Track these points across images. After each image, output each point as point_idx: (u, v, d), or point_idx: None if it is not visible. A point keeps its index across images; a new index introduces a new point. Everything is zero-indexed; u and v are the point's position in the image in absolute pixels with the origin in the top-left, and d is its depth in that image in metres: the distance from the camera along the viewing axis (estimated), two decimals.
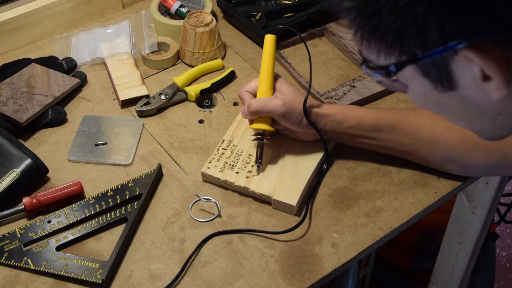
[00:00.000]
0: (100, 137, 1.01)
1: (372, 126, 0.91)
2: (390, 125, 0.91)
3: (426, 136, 0.90)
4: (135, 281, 0.82)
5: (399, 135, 0.91)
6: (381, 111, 0.93)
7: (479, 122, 0.58)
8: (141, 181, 0.93)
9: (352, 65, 1.15)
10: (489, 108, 0.54)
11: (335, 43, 1.19)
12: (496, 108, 0.54)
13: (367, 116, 0.91)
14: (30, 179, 0.92)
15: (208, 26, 1.11)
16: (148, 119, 1.05)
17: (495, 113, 0.55)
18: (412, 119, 0.91)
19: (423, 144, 0.91)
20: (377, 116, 0.91)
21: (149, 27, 1.18)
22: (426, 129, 0.90)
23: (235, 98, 1.09)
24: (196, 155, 0.99)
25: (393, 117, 0.91)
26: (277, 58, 1.16)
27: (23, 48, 1.18)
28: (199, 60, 1.13)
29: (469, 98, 0.53)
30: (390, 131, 0.91)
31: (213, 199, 0.91)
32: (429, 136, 0.90)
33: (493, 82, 0.50)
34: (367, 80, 1.09)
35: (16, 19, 1.15)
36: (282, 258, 0.85)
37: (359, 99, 1.05)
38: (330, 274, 0.84)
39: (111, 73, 1.10)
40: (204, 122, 1.05)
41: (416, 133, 0.90)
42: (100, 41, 1.16)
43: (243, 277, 0.83)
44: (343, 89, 1.08)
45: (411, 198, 0.93)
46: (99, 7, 1.24)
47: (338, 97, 1.06)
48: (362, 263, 1.28)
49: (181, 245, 0.87)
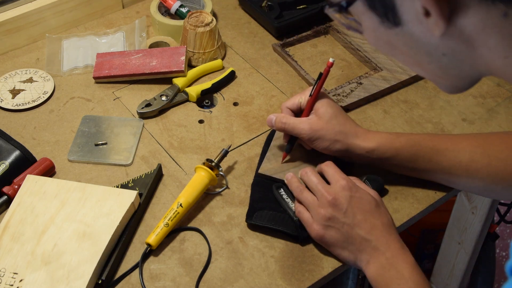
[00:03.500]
0: (100, 137, 1.01)
1: (409, 158, 0.89)
2: (428, 158, 0.89)
3: (463, 172, 0.88)
4: (135, 281, 0.82)
5: (435, 169, 0.89)
6: (420, 142, 0.89)
7: (427, 64, 0.57)
8: (141, 181, 0.93)
9: (352, 65, 1.15)
10: (434, 47, 0.54)
11: (340, 41, 1.19)
12: (440, 47, 0.54)
13: (405, 147, 0.89)
14: (19, 170, 0.93)
15: (208, 26, 1.11)
16: (148, 119, 1.05)
17: (439, 53, 0.55)
18: (450, 153, 0.88)
19: (460, 180, 0.89)
20: (415, 148, 0.89)
21: (141, 36, 1.18)
22: (464, 164, 0.87)
23: (235, 98, 1.09)
24: (196, 155, 0.99)
25: (432, 149, 0.89)
26: (282, 55, 1.16)
27: (23, 48, 1.19)
28: (199, 60, 1.13)
29: (414, 36, 0.54)
30: (427, 163, 0.89)
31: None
32: (465, 173, 0.88)
33: (432, 17, 0.51)
34: (374, 77, 1.10)
35: (16, 19, 1.15)
36: (282, 258, 0.85)
37: (366, 95, 1.07)
38: (330, 274, 0.84)
39: None
40: (204, 122, 1.05)
41: (453, 168, 0.88)
42: (94, 50, 1.17)
43: (243, 277, 0.83)
44: (350, 86, 1.09)
45: (411, 198, 0.93)
46: (99, 7, 1.24)
47: (346, 94, 1.07)
48: None
49: (181, 245, 0.87)
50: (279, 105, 1.07)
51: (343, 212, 0.81)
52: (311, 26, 1.22)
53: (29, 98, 1.08)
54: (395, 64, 1.13)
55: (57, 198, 0.88)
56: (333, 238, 0.82)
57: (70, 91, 1.10)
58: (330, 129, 0.88)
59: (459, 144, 0.89)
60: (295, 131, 0.90)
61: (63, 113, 1.06)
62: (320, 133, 0.88)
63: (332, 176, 0.85)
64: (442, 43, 0.54)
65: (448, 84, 0.61)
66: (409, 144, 0.89)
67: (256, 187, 0.93)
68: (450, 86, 0.61)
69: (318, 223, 0.82)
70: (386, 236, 0.80)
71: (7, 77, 1.12)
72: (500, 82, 1.12)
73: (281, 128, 0.92)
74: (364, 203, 0.82)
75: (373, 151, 0.88)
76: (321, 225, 0.82)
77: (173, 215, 0.86)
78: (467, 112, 1.07)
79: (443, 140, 0.90)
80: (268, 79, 1.13)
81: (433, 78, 0.61)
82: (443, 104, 1.08)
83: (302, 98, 0.93)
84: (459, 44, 0.53)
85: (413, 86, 1.11)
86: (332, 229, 0.82)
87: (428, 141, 0.89)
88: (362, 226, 0.80)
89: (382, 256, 0.79)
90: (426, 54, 0.56)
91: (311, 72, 1.13)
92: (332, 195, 0.82)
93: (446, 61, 0.56)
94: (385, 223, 0.82)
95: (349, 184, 0.83)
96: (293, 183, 0.88)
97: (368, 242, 0.80)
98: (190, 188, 0.89)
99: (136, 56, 1.12)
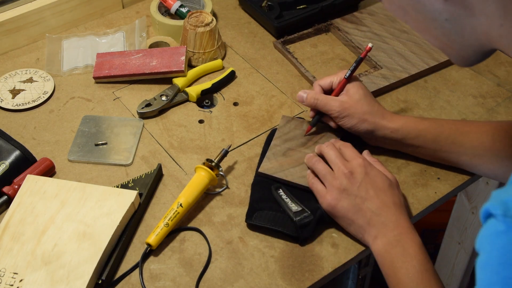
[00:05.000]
0: (100, 137, 1.01)
1: (432, 139, 0.92)
2: (451, 139, 0.91)
3: (486, 152, 0.90)
4: (135, 281, 0.82)
5: (459, 150, 0.91)
6: (443, 125, 0.93)
7: (433, 30, 0.62)
8: (141, 181, 0.93)
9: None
10: (438, 12, 0.59)
11: (341, 39, 1.20)
12: (444, 13, 0.59)
13: (429, 129, 0.92)
14: (19, 170, 0.93)
15: (208, 26, 1.11)
16: (148, 119, 1.05)
17: (443, 19, 0.59)
18: (473, 135, 0.91)
19: (482, 161, 0.91)
20: (439, 130, 0.92)
21: (141, 36, 1.18)
22: (487, 145, 0.90)
23: (235, 98, 1.09)
24: (196, 155, 0.99)
25: (455, 131, 0.91)
26: (283, 52, 1.17)
27: (23, 48, 1.19)
28: (199, 60, 1.14)
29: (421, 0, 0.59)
30: (451, 145, 0.91)
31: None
32: (489, 153, 0.90)
33: None
34: (373, 75, 1.11)
35: (16, 19, 1.15)
36: (282, 258, 0.85)
37: None
38: (330, 274, 0.84)
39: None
40: (204, 122, 1.05)
41: (477, 149, 0.90)
42: (94, 50, 1.17)
43: (243, 277, 0.83)
44: None
45: (411, 198, 0.93)
46: (99, 7, 1.24)
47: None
48: (362, 263, 1.28)
49: (181, 245, 0.87)
50: (279, 105, 1.07)
51: (357, 186, 0.84)
52: (311, 26, 1.22)
53: (29, 98, 1.08)
54: (395, 62, 1.13)
55: (57, 198, 0.88)
56: (344, 209, 0.84)
57: (70, 91, 1.10)
58: (359, 108, 0.92)
59: (481, 127, 0.92)
60: (326, 107, 0.94)
61: (63, 113, 1.06)
62: (350, 111, 0.92)
63: (350, 154, 0.88)
64: (445, 9, 0.58)
65: (455, 54, 0.64)
66: (433, 126, 0.92)
67: (256, 187, 0.93)
68: (457, 56, 0.64)
69: (331, 193, 0.85)
70: (396, 215, 0.82)
71: (7, 77, 1.12)
72: (500, 82, 1.12)
73: (312, 104, 0.95)
74: (378, 181, 0.85)
75: (398, 130, 0.92)
76: (334, 196, 0.85)
77: (173, 215, 0.86)
78: (467, 112, 1.07)
79: (466, 123, 0.94)
80: (268, 79, 1.13)
81: (441, 46, 0.64)
82: (443, 104, 1.08)
83: (335, 78, 0.97)
84: (460, 10, 0.57)
85: (413, 86, 1.11)
86: (344, 200, 0.84)
87: (451, 124, 0.93)
88: (373, 201, 0.83)
89: (390, 233, 0.81)
90: (431, 19, 0.60)
91: (311, 70, 1.13)
92: (349, 168, 0.86)
93: (448, 26, 0.60)
94: (397, 203, 0.84)
95: (365, 162, 0.87)
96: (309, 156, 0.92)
97: (377, 217, 0.82)
98: (190, 188, 0.89)
99: (136, 56, 1.12)
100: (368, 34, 1.20)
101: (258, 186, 0.92)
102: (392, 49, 1.17)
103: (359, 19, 1.24)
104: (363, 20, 1.24)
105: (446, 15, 0.59)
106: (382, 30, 1.21)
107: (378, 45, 1.17)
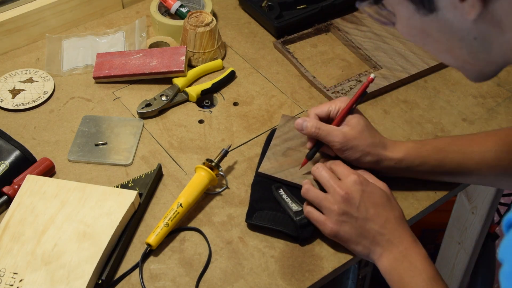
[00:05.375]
0: (100, 137, 1.01)
1: (437, 165, 0.90)
2: (456, 163, 0.90)
3: (491, 171, 0.89)
4: (135, 281, 0.82)
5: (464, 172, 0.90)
6: (445, 148, 0.90)
7: (458, 49, 0.61)
8: (141, 181, 0.93)
9: (352, 64, 1.15)
10: (466, 32, 0.58)
11: (342, 39, 1.20)
12: (472, 31, 0.58)
13: (432, 155, 0.90)
14: (19, 170, 0.93)
15: (208, 26, 1.11)
16: (148, 119, 1.05)
17: (471, 38, 0.59)
18: (476, 155, 0.89)
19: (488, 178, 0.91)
20: (442, 154, 0.90)
21: (141, 36, 1.18)
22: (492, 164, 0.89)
23: (235, 98, 1.09)
24: (196, 155, 0.99)
25: (458, 153, 0.89)
26: (283, 52, 1.17)
27: (23, 48, 1.19)
28: (199, 60, 1.14)
29: (448, 21, 0.58)
30: (456, 168, 0.90)
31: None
32: (493, 171, 0.89)
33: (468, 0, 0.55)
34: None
35: (16, 19, 1.15)
36: (282, 258, 0.85)
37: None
38: (330, 274, 0.84)
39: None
40: (204, 122, 1.05)
41: (482, 170, 0.89)
42: (94, 50, 1.17)
43: (243, 277, 0.83)
44: (350, 83, 1.10)
45: (411, 198, 0.93)
46: (99, 7, 1.24)
47: (345, 92, 1.08)
48: (362, 263, 1.28)
49: (181, 245, 0.87)
50: (279, 105, 1.07)
51: (356, 207, 0.82)
52: (311, 26, 1.22)
53: (29, 98, 1.08)
54: (395, 62, 1.13)
55: (57, 198, 0.88)
56: (347, 234, 0.82)
57: (70, 91, 1.10)
58: (363, 140, 0.88)
59: (484, 144, 0.90)
60: (328, 138, 0.88)
61: (63, 113, 1.06)
62: (353, 143, 0.88)
63: (342, 171, 0.85)
64: (475, 27, 0.57)
65: (475, 70, 0.63)
66: (435, 151, 0.90)
67: (256, 187, 0.93)
68: (477, 72, 0.64)
69: (331, 219, 0.83)
70: (399, 229, 0.81)
71: (7, 77, 1.12)
72: (500, 82, 1.12)
73: (313, 134, 0.89)
74: (376, 197, 0.83)
75: (401, 161, 0.89)
76: (335, 222, 0.82)
77: (173, 215, 0.86)
78: (467, 112, 1.07)
79: (468, 142, 0.91)
80: (268, 79, 1.13)
81: (461, 65, 0.64)
82: (443, 104, 1.08)
83: (332, 106, 0.91)
84: (490, 27, 0.57)
85: (413, 86, 1.11)
86: (346, 224, 0.82)
87: (453, 146, 0.90)
88: (375, 220, 0.81)
89: (395, 249, 0.80)
90: (458, 39, 0.60)
91: (311, 70, 1.13)
92: (345, 190, 0.82)
93: (476, 45, 0.59)
94: (397, 216, 0.83)
95: (360, 178, 0.84)
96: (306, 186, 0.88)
97: (382, 236, 0.81)
98: (190, 188, 0.89)
99: (136, 56, 1.12)
100: (368, 34, 1.20)
101: (258, 186, 0.93)
102: (392, 49, 1.17)
103: (359, 19, 1.24)
104: (363, 20, 1.24)
105: (475, 33, 0.58)
106: (382, 30, 1.21)
107: (378, 45, 1.17)
